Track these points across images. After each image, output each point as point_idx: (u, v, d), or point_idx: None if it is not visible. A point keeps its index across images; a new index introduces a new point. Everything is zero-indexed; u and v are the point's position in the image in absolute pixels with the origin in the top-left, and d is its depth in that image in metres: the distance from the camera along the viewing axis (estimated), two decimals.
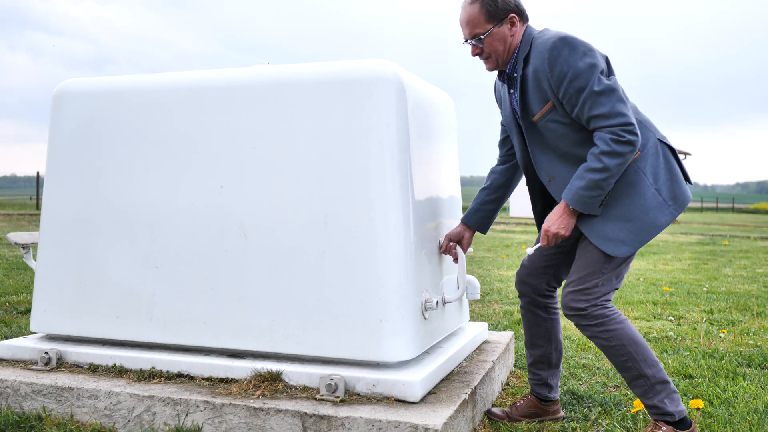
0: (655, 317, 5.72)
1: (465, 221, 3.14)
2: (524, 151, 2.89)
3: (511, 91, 2.81)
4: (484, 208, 3.12)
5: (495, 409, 3.11)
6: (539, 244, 2.80)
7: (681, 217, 43.27)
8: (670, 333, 4.95)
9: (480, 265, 9.88)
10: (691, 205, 70.68)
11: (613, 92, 2.53)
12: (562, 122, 2.66)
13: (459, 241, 3.14)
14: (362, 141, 2.76)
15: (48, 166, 3.35)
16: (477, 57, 2.79)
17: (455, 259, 3.14)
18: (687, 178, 2.74)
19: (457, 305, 3.42)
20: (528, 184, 2.96)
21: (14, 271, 8.19)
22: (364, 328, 2.74)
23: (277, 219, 2.89)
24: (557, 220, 2.66)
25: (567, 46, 2.56)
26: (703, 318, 5.63)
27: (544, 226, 2.69)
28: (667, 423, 2.66)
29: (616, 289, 2.74)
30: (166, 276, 3.07)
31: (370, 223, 2.73)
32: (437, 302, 2.93)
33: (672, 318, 5.66)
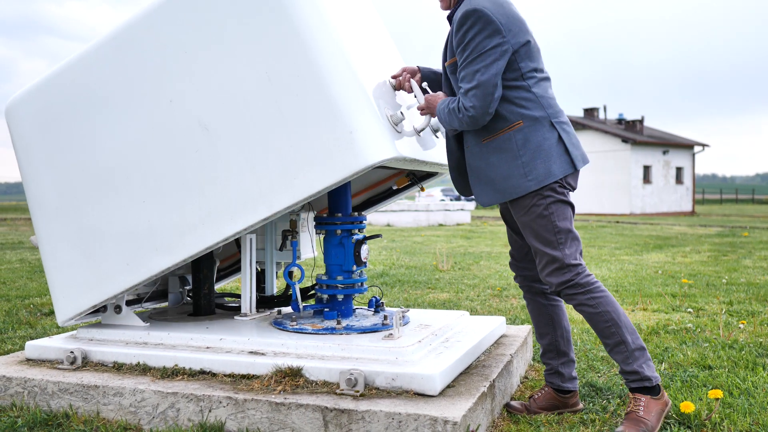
0: (674, 309, 5.71)
1: (419, 67, 3.27)
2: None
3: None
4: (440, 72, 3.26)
5: (514, 403, 3.14)
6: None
7: (700, 209, 42.97)
8: (689, 325, 4.95)
9: (497, 260, 9.89)
10: (709, 196, 70.18)
11: (482, 84, 2.73)
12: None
13: (412, 75, 3.23)
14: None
15: (22, 171, 3.48)
16: None
17: (409, 90, 3.18)
18: (573, 164, 2.87)
19: (436, 141, 3.40)
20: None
21: (37, 273, 8.31)
22: (340, 148, 2.75)
23: (228, 99, 2.96)
24: (431, 103, 3.00)
25: (479, 21, 2.74)
26: (722, 309, 5.61)
27: (428, 96, 3.01)
28: (645, 388, 2.80)
29: (579, 242, 2.90)
30: (155, 204, 3.14)
31: (309, 56, 2.80)
32: (402, 112, 2.99)
33: (691, 310, 5.65)
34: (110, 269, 3.24)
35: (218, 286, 4.45)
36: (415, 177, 3.90)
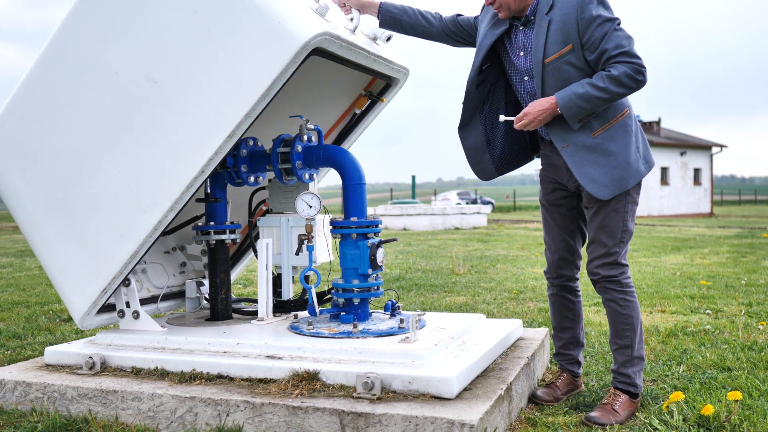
0: (692, 311, 5.66)
1: (381, 2, 3.41)
2: (475, 78, 3.18)
3: (521, 28, 3.09)
4: (406, 14, 3.40)
5: (540, 392, 3.28)
6: (513, 118, 3.07)
7: (718, 210, 42.63)
8: (708, 326, 4.91)
9: (514, 263, 9.86)
10: (728, 197, 69.65)
11: (632, 39, 2.86)
12: (575, 65, 2.93)
13: (361, 5, 3.40)
14: None
15: (5, 198, 3.59)
16: (491, 6, 3.11)
17: (348, 10, 3.40)
18: None
19: (378, 49, 3.53)
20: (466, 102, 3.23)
21: None
22: (274, 39, 2.90)
23: (164, 46, 3.12)
24: (538, 112, 2.95)
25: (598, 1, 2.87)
26: (741, 311, 5.56)
27: (527, 109, 2.98)
28: (629, 393, 3.08)
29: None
30: (129, 169, 3.22)
31: None
32: (326, 4, 3.12)
33: (710, 311, 5.60)
34: (108, 247, 3.29)
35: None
36: (372, 94, 4.03)
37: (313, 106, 4.13)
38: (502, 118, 3.11)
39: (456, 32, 3.38)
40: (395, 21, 3.42)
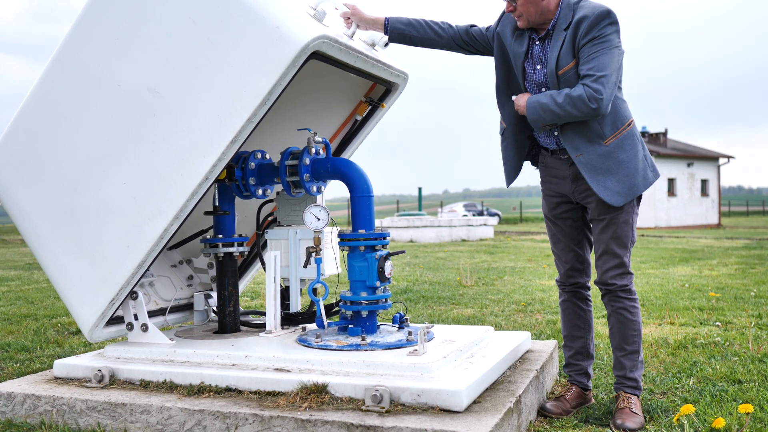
0: (701, 323, 5.64)
1: (387, 18, 3.44)
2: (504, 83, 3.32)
3: (538, 42, 3.17)
4: (414, 28, 3.43)
5: (549, 405, 3.27)
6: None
7: (726, 221, 42.47)
8: (718, 339, 4.88)
9: (521, 275, 9.84)
10: (736, 208, 69.39)
11: (609, 68, 2.93)
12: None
13: (366, 22, 3.43)
14: None
15: (11, 214, 3.61)
16: (511, 13, 3.17)
17: (348, 24, 3.45)
18: None
19: (377, 54, 3.57)
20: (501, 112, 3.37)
21: None
22: (273, 44, 2.93)
23: (165, 57, 3.15)
24: (516, 104, 3.16)
25: (616, 21, 2.98)
26: (751, 323, 5.53)
27: (516, 97, 3.17)
28: (635, 395, 3.19)
29: None
30: (134, 180, 3.23)
31: None
32: (324, 9, 3.17)
33: (719, 323, 5.57)
34: (114, 258, 3.30)
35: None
36: (372, 100, 4.07)
37: (314, 114, 4.15)
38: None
39: (469, 42, 3.42)
40: (404, 36, 3.45)
